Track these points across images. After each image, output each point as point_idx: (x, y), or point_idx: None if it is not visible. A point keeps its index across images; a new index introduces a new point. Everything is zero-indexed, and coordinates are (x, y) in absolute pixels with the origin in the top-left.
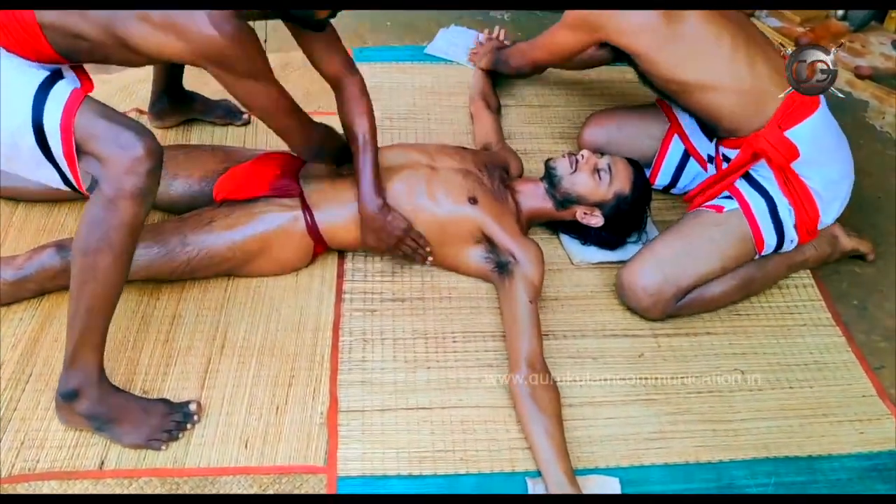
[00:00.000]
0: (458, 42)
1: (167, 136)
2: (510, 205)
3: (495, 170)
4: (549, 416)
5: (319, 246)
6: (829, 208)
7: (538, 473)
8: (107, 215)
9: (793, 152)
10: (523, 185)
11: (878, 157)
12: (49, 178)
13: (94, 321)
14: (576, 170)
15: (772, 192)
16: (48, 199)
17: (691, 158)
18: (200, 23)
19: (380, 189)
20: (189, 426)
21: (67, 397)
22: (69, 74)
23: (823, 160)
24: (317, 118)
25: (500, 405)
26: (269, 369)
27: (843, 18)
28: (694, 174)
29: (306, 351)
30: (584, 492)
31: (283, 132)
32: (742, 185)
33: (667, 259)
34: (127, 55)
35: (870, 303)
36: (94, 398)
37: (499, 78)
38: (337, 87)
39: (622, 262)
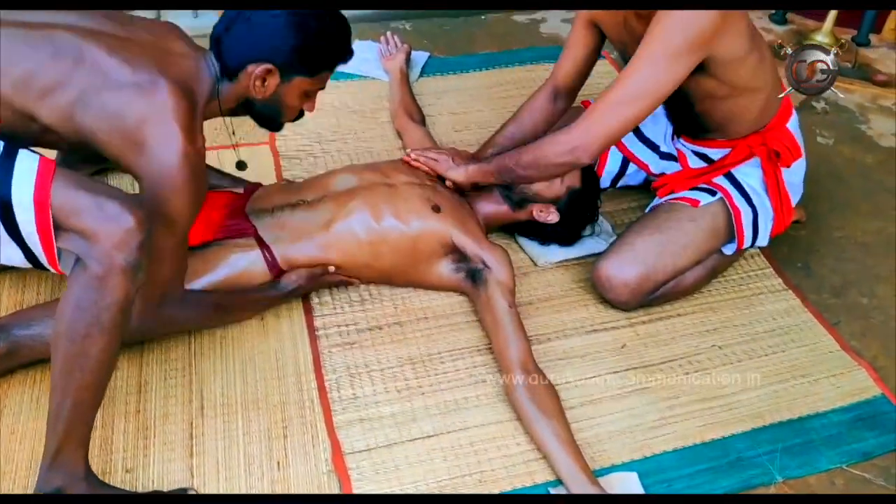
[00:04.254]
0: (367, 56)
1: None
2: (469, 210)
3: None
4: (553, 417)
5: None
6: (794, 200)
7: (559, 482)
8: (97, 296)
9: (798, 150)
10: (477, 190)
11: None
12: (9, 257)
13: (82, 413)
14: None
15: (752, 193)
16: None
17: (630, 163)
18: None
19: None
20: None
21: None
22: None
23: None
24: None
25: (504, 419)
26: (259, 423)
27: None
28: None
29: (293, 397)
30: (608, 490)
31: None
32: (725, 184)
33: (645, 253)
34: (83, 147)
35: (812, 262)
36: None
37: (415, 88)
38: None
39: (583, 258)
